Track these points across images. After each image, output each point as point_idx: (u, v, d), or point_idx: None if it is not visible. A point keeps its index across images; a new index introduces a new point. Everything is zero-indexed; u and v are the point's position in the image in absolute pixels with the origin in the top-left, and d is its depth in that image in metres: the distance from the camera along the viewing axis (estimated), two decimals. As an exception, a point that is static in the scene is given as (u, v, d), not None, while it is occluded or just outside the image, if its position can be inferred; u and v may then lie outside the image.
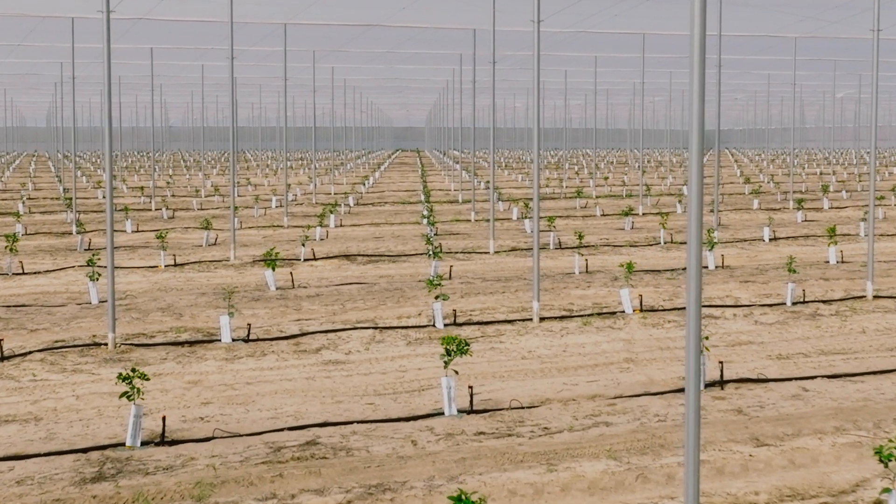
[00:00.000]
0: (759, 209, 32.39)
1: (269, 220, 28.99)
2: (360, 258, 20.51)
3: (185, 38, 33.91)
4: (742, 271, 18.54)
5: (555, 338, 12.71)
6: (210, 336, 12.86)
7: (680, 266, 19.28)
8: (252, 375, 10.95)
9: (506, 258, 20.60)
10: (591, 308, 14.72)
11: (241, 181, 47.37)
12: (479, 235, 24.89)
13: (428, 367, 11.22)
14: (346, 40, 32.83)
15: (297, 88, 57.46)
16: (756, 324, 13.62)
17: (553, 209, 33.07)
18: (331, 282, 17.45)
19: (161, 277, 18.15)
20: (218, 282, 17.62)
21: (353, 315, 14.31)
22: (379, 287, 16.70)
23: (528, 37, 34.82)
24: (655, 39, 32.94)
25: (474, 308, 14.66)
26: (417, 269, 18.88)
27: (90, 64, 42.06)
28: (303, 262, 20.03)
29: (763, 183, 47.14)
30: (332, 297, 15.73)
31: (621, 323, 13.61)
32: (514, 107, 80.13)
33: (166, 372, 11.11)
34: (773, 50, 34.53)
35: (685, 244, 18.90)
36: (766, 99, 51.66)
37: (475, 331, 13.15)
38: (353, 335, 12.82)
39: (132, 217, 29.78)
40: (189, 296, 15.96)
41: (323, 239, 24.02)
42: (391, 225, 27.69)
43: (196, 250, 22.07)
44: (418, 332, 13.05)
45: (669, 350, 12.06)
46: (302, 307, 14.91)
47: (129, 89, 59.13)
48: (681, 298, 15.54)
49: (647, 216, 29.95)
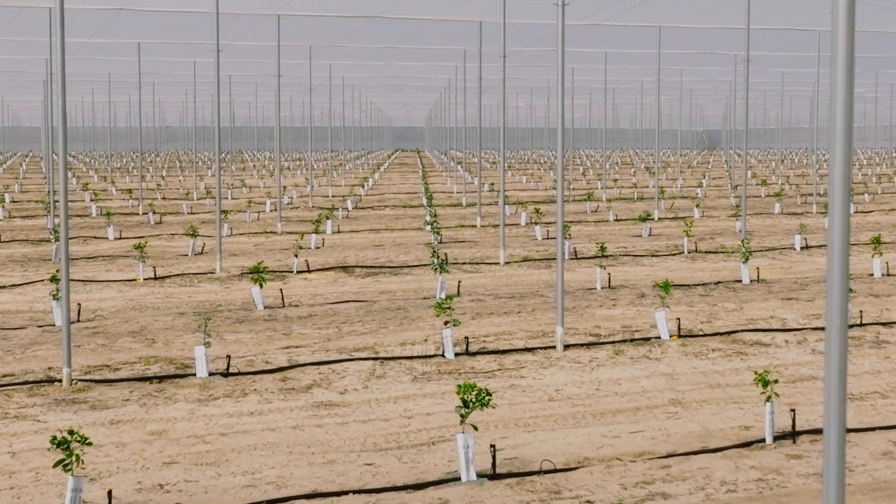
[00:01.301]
0: (780, 214, 30.59)
1: (262, 226, 27.21)
2: (358, 270, 18.73)
3: (175, 32, 32.09)
4: (780, 286, 16.76)
5: (584, 371, 10.92)
6: (184, 368, 11.08)
7: (711, 279, 17.50)
8: (228, 423, 9.16)
9: (518, 270, 18.82)
10: (620, 332, 12.94)
11: (235, 183, 45.59)
12: (487, 243, 23.11)
13: (438, 412, 9.44)
14: (343, 34, 31.04)
15: (294, 87, 55.71)
16: (814, 353, 11.83)
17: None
18: (325, 299, 15.66)
19: (138, 293, 16.37)
20: (201, 298, 15.83)
21: (349, 341, 12.53)
22: (379, 306, 14.91)
23: (539, 30, 33.05)
24: (665, 34, 31.12)
25: (488, 333, 12.87)
26: (421, 284, 17.10)
27: (80, 60, 40.32)
28: (295, 274, 18.25)
29: (778, 185, 45.36)
30: (327, 319, 13.94)
31: (658, 352, 11.83)
32: (516, 106, 78.32)
33: (126, 418, 9.33)
34: (794, 46, 32.73)
35: (712, 254, 17.07)
36: (780, 97, 49.86)
37: (491, 362, 11.37)
38: (350, 368, 11.04)
39: (116, 223, 28.03)
40: (166, 316, 14.17)
41: (318, 247, 22.25)
42: (392, 231, 25.92)
43: (180, 260, 20.30)
44: (425, 363, 11.28)
45: (721, 388, 10.28)
46: (292, 331, 13.12)
47: (123, 87, 57.27)
48: (721, 320, 13.76)
49: (664, 221, 28.17)
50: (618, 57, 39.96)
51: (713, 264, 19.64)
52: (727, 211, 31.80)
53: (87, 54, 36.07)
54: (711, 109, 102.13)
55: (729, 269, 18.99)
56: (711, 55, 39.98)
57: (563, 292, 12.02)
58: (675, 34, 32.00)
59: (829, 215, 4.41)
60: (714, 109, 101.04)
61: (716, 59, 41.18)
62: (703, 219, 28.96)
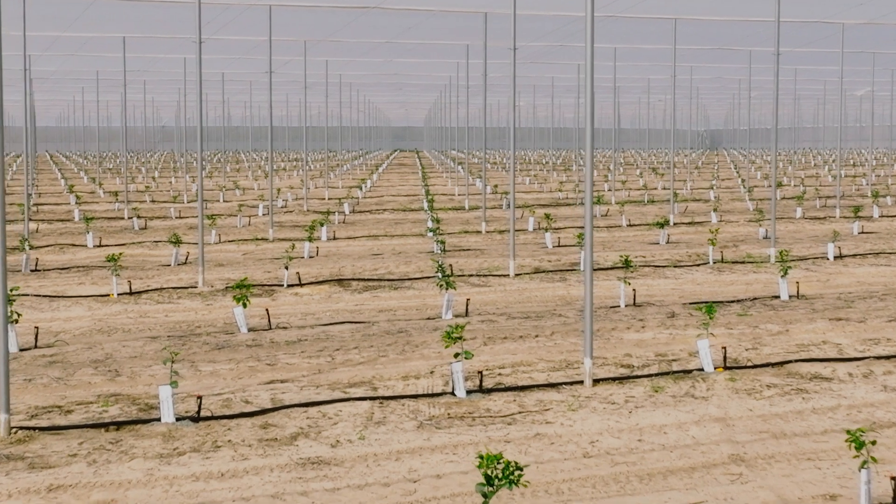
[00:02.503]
0: (802, 218, 28.90)
1: (253, 232, 25.52)
2: (354, 283, 17.04)
3: (161, 25, 30.40)
4: (823, 303, 15.07)
5: (621, 415, 9.24)
6: (148, 411, 9.40)
7: (745, 294, 15.82)
8: (192, 491, 7.47)
9: (530, 283, 17.13)
10: (655, 362, 11.26)
11: (228, 185, 43.89)
12: (494, 251, 21.43)
13: (450, 474, 7.76)
14: (338, 27, 29.35)
15: (290, 85, 53.96)
16: (885, 389, 10.15)
17: (570, 217, 29.64)
18: (318, 319, 13.97)
19: (109, 311, 14.68)
20: (178, 318, 14.14)
21: (344, 373, 10.84)
22: (378, 328, 13.22)
23: (543, 25, 31.26)
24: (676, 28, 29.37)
25: (503, 364, 11.18)
26: (425, 300, 15.42)
27: (64, 57, 38.63)
28: (286, 288, 16.57)
29: (794, 187, 43.72)
30: (319, 344, 12.25)
31: (703, 388, 10.14)
32: (517, 105, 76.57)
33: (69, 482, 7.64)
34: (819, 42, 31.05)
35: (739, 264, 15.34)
36: (793, 96, 48.20)
37: (510, 401, 9.68)
38: (344, 411, 9.35)
39: (98, 228, 26.39)
40: (136, 341, 12.47)
41: (312, 256, 20.57)
42: (391, 238, 24.22)
43: (161, 272, 18.61)
44: (432, 403, 9.59)
45: (787, 439, 8.59)
46: (278, 361, 11.42)
47: (114, 86, 55.51)
48: (767, 346, 12.07)
49: (680, 227, 26.49)
50: (626, 54, 38.22)
51: (743, 276, 17.96)
52: (744, 215, 30.13)
53: (72, 49, 34.42)
54: (714, 109, 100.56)
55: (761, 281, 17.32)
56: (728, 51, 38.37)
57: (591, 319, 10.32)
58: (684, 29, 30.29)
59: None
60: (716, 109, 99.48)
61: (728, 55, 39.59)
62: (721, 224, 27.29)
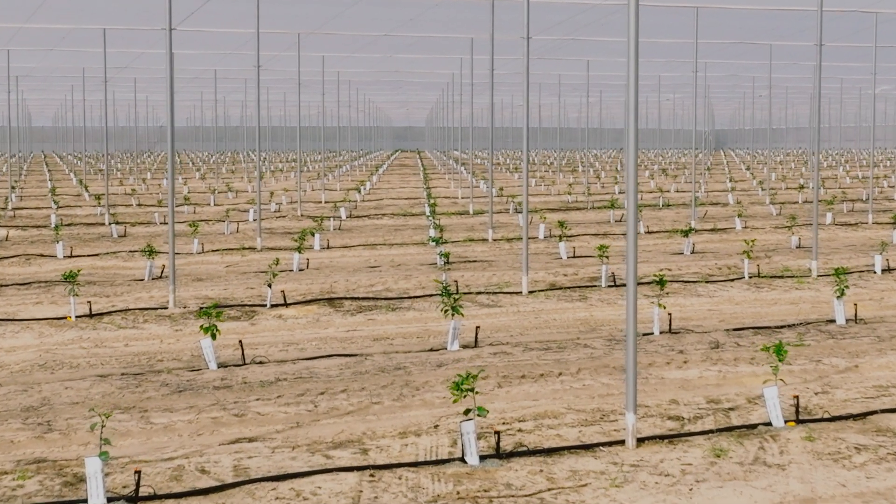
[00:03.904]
0: (834, 224, 26.84)
1: (240, 240, 23.49)
2: (347, 303, 15.00)
3: (146, 18, 28.35)
4: (888, 329, 13.03)
5: (679, 495, 7.20)
6: (75, 485, 7.39)
7: (793, 317, 13.80)
8: None
9: (546, 303, 15.10)
10: (707, 410, 9.23)
11: (221, 188, 41.85)
12: (503, 263, 19.41)
13: None
14: (334, 18, 27.31)
15: (289, 83, 51.91)
16: None
17: (582, 222, 27.62)
18: (302, 351, 11.94)
19: (62, 339, 12.66)
20: (139, 349, 12.12)
21: (328, 428, 8.82)
22: (372, 363, 11.18)
23: (549, 16, 29.15)
24: (690, 23, 27.30)
25: (524, 415, 9.14)
26: (427, 325, 13.40)
27: (43, 52, 36.62)
28: (269, 309, 14.54)
29: (811, 189, 41.67)
30: (300, 386, 10.22)
31: (775, 450, 8.11)
32: (520, 104, 74.54)
33: None
34: (843, 34, 28.97)
35: (777, 278, 13.09)
36: (806, 95, 46.08)
37: (535, 472, 7.65)
38: (325, 487, 7.32)
39: (74, 236, 24.39)
40: (82, 382, 10.44)
41: (302, 269, 18.55)
42: (390, 247, 22.19)
43: (132, 288, 16.59)
44: (438, 475, 7.56)
45: (904, 533, 6.58)
46: (248, 410, 9.39)
47: (110, 84, 53.45)
48: (839, 388, 10.04)
49: (703, 234, 24.44)
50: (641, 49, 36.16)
51: (785, 293, 15.93)
52: (769, 220, 28.11)
53: (51, 45, 32.43)
54: (719, 108, 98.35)
55: (807, 300, 15.30)
56: (742, 47, 36.40)
57: (635, 367, 8.30)
58: (700, 22, 28.27)
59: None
60: (720, 108, 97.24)
61: (743, 51, 37.61)
62: (746, 230, 25.26)
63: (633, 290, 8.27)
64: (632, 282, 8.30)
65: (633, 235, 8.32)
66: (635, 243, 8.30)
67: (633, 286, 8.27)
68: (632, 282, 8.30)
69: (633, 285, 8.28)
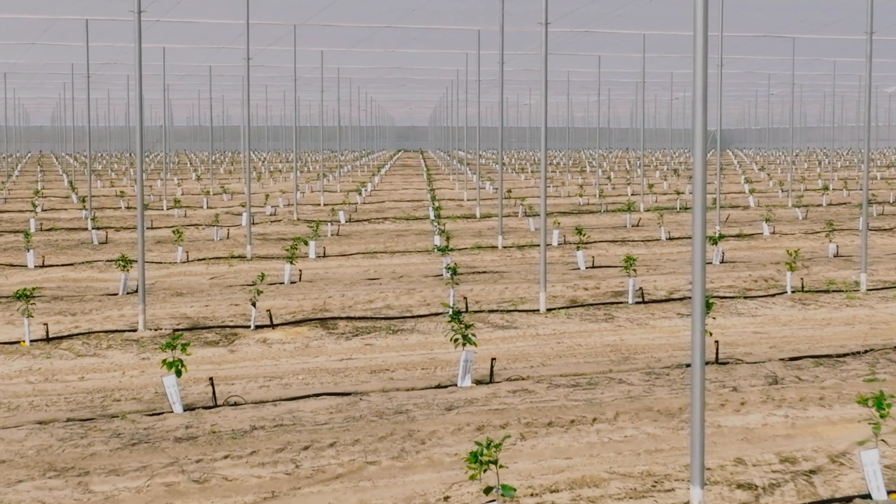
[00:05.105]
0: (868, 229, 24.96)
1: (230, 247, 21.69)
2: (342, 324, 13.20)
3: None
4: (967, 357, 11.23)
5: None
6: None
7: (854, 342, 11.98)
8: None
9: (567, 323, 13.28)
10: (784, 474, 7.42)
11: (216, 189, 40.03)
12: (515, 274, 17.61)
13: None
14: (329, 4, 25.52)
15: (288, 82, 50.13)
16: None
17: (597, 227, 25.82)
18: (286, 387, 10.12)
19: (6, 371, 10.86)
20: (94, 384, 10.31)
21: (310, 499, 7.01)
22: (368, 406, 9.36)
23: (562, 6, 27.29)
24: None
25: (556, 482, 7.31)
26: (433, 353, 11.59)
27: (24, 46, 34.85)
28: (253, 331, 12.75)
29: (832, 191, 39.88)
30: (280, 438, 8.41)
31: (884, 537, 6.32)
32: (527, 103, 72.73)
33: None
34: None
35: (823, 293, 11.24)
36: (820, 93, 44.34)
37: (577, 571, 5.86)
38: None
39: (51, 243, 22.65)
40: (17, 432, 8.62)
41: (294, 282, 16.76)
42: (391, 255, 20.38)
43: (103, 304, 14.79)
44: (449, 576, 5.77)
45: None
46: (212, 474, 7.57)
47: (96, 80, 51.67)
48: (938, 442, 8.23)
49: (729, 240, 22.58)
50: (651, 44, 34.34)
51: (835, 312, 14.12)
52: (796, 225, 26.32)
53: (32, 38, 30.67)
54: (726, 107, 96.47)
55: (863, 319, 13.50)
56: (759, 42, 34.65)
57: (702, 434, 6.49)
58: (715, 15, 26.48)
59: None
60: (728, 108, 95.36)
61: (763, 47, 35.84)
62: (775, 237, 23.45)
63: (700, 316, 6.45)
64: (700, 303, 6.48)
65: (699, 261, 6.50)
66: (702, 270, 6.48)
67: (701, 313, 6.46)
68: (700, 303, 6.48)
69: (701, 313, 6.46)
